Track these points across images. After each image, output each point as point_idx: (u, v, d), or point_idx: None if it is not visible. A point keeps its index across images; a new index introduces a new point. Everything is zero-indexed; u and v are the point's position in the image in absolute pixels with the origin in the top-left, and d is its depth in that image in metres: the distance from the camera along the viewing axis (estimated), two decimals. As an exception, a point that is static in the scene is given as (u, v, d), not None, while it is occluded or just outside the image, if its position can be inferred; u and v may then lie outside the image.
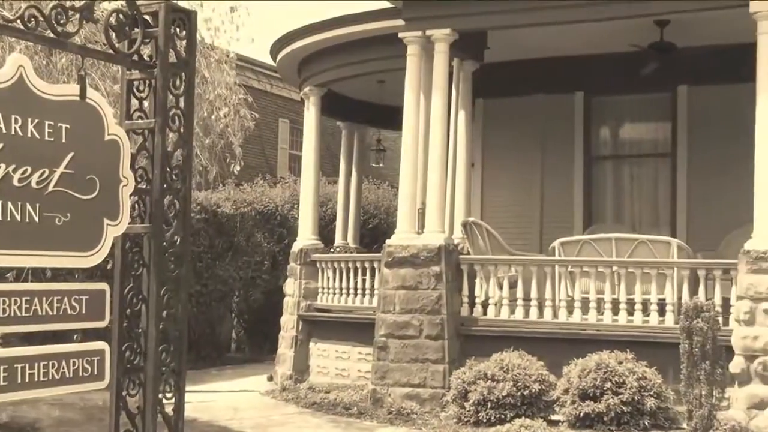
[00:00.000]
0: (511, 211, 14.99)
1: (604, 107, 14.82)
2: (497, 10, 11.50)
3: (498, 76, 14.00)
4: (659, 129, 14.60)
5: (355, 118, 17.48)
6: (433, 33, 11.65)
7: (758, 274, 9.77)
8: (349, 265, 13.59)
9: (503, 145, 15.21)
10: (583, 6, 11.14)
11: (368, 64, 13.82)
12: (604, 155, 14.85)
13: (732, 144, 12.75)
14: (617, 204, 14.74)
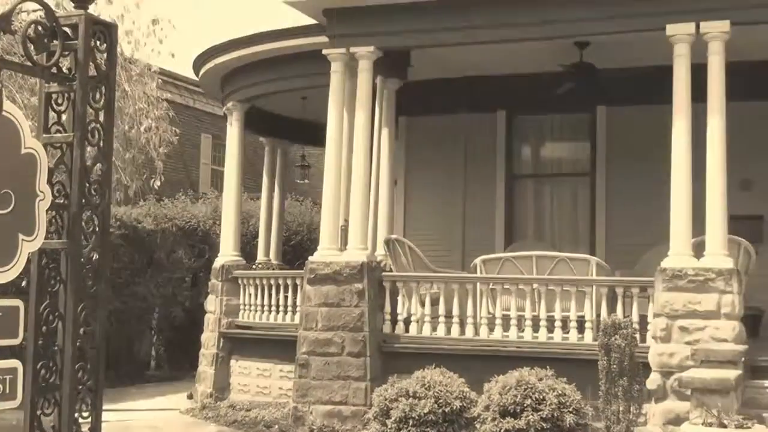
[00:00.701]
0: (434, 228, 15.06)
1: (525, 126, 15.01)
2: (420, 29, 11.58)
3: (422, 94, 14.09)
4: (579, 149, 14.83)
5: (279, 134, 17.43)
6: (357, 50, 11.68)
7: (674, 291, 9.95)
8: (271, 282, 13.51)
9: (426, 162, 15.29)
10: (503, 27, 11.26)
11: (292, 80, 13.80)
12: (525, 174, 15.02)
13: (649, 164, 12.99)
14: (538, 222, 14.91)
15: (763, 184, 13.33)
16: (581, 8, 10.85)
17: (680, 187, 10.24)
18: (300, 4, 11.83)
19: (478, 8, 11.21)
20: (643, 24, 10.67)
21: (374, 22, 11.65)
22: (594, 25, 10.99)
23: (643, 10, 10.57)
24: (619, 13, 10.71)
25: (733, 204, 10.59)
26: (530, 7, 11.00)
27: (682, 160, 10.29)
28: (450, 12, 11.32)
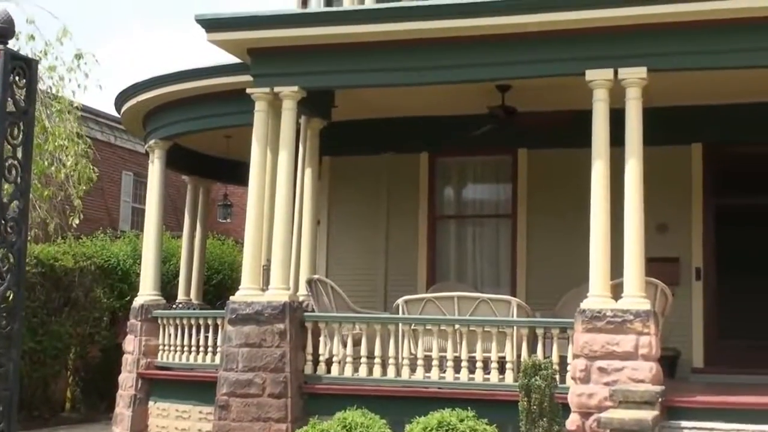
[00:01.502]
0: (357, 268, 15.06)
1: (448, 168, 15.14)
2: (344, 70, 11.65)
3: (345, 134, 14.15)
4: (501, 190, 15.00)
5: (202, 173, 17.32)
6: (282, 90, 11.69)
7: (593, 333, 10.08)
8: (191, 322, 13.35)
9: (349, 202, 15.32)
10: (425, 69, 11.37)
11: (216, 118, 13.73)
12: (448, 215, 15.13)
13: (569, 206, 13.19)
14: (460, 263, 15.00)
15: (679, 227, 13.62)
16: (502, 52, 11.02)
17: (599, 230, 10.42)
18: (224, 43, 11.81)
19: (400, 50, 11.30)
20: (563, 69, 10.88)
21: (298, 62, 11.68)
22: (515, 68, 11.16)
23: (563, 55, 10.79)
24: (540, 58, 10.91)
25: (650, 246, 10.80)
26: (452, 50, 11.14)
27: (600, 203, 10.46)
28: (373, 54, 11.41)
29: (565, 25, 10.64)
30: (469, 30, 10.92)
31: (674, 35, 10.46)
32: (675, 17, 10.34)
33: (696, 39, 10.43)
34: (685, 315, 13.33)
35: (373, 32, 11.24)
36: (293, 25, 11.52)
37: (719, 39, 10.39)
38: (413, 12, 11.22)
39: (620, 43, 10.59)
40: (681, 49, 10.53)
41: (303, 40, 11.51)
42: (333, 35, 11.39)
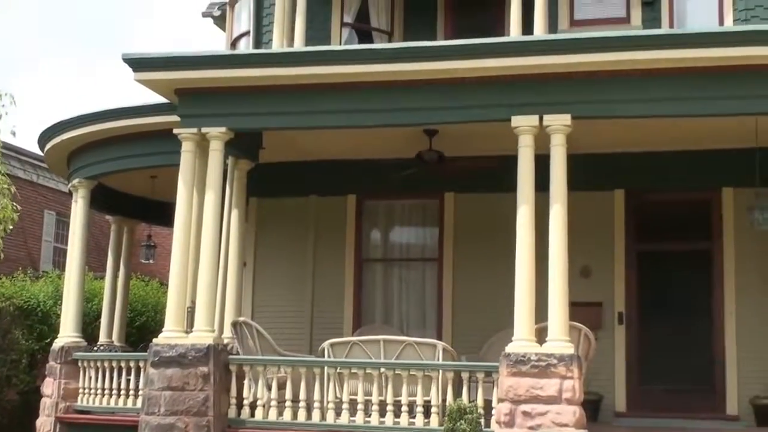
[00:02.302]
0: (283, 311, 14.95)
1: (375, 210, 15.16)
2: (273, 112, 11.63)
3: (273, 175, 14.12)
4: (428, 234, 15.05)
5: (126, 213, 17.11)
6: (209, 131, 11.62)
7: (518, 377, 10.13)
8: (113, 364, 13.11)
9: (276, 244, 15.24)
10: (353, 112, 11.42)
11: (142, 158, 13.62)
12: (374, 258, 15.12)
13: (495, 250, 13.29)
14: (386, 306, 14.99)
15: (602, 271, 13.80)
16: (430, 97, 11.12)
17: (524, 274, 10.50)
18: (151, 83, 11.74)
19: (329, 93, 11.34)
20: (490, 115, 11.00)
21: (226, 103, 11.64)
22: (443, 114, 11.26)
23: (489, 101, 10.92)
24: (467, 104, 11.02)
25: (574, 291, 10.92)
26: (380, 93, 11.20)
27: (525, 248, 10.56)
28: (302, 96, 11.43)
29: (491, 72, 10.79)
30: (397, 75, 11.02)
31: (598, 84, 10.67)
32: (599, 66, 10.57)
33: (619, 87, 10.66)
34: (608, 359, 13.47)
35: (301, 75, 11.27)
36: (222, 66, 11.50)
37: (641, 88, 10.62)
38: (342, 56, 11.27)
39: (545, 90, 10.76)
40: (604, 98, 10.74)
41: (231, 81, 11.49)
42: (261, 77, 11.39)
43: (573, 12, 14.91)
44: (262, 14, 16.11)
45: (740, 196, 13.25)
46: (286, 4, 15.28)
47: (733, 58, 10.28)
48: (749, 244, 13.30)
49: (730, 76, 10.41)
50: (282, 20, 15.23)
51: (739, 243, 13.40)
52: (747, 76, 10.38)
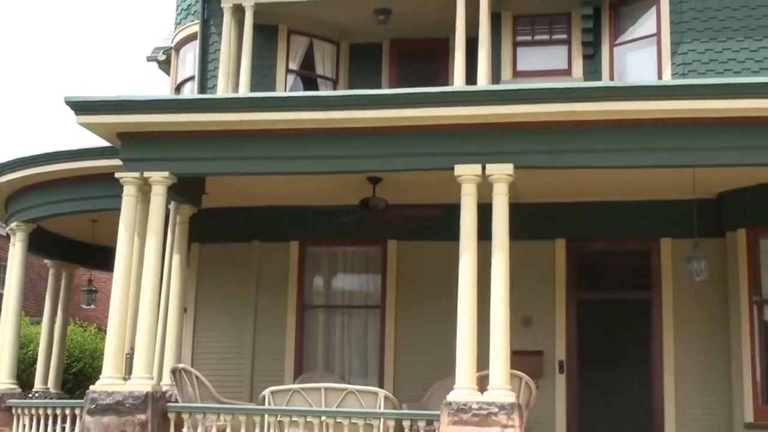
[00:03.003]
0: (223, 358, 14.80)
1: (318, 257, 15.12)
2: (216, 157, 11.58)
3: (216, 220, 14.06)
4: (370, 281, 15.04)
5: (66, 257, 16.88)
6: (151, 175, 11.54)
7: (459, 425, 10.10)
8: (48, 412, 12.81)
9: (217, 290, 15.12)
10: (295, 159, 11.41)
11: (82, 202, 13.48)
12: (316, 305, 15.05)
13: (438, 298, 13.32)
14: (328, 353, 14.91)
15: (543, 320, 13.88)
16: (373, 145, 11.16)
17: (466, 322, 10.52)
18: (94, 126, 11.64)
19: (273, 139, 11.34)
20: (432, 163, 11.07)
21: (169, 148, 11.58)
22: (385, 161, 11.30)
23: (433, 150, 10.99)
24: (411, 152, 11.08)
25: (516, 339, 10.97)
26: (324, 140, 11.22)
27: (467, 296, 10.59)
28: (245, 142, 11.40)
29: (435, 121, 10.87)
30: (340, 122, 11.06)
31: (540, 134, 10.80)
32: (541, 117, 10.70)
33: (561, 138, 10.79)
34: (549, 407, 13.51)
35: (245, 120, 11.26)
36: (165, 110, 11.45)
37: (583, 139, 10.77)
38: (286, 102, 11.30)
39: (489, 139, 10.86)
40: (547, 148, 10.85)
41: (175, 126, 11.44)
42: (205, 122, 11.37)
43: (516, 63, 15.13)
44: (208, 59, 16.12)
45: (679, 246, 13.44)
46: (231, 49, 15.33)
47: (671, 111, 10.49)
48: (688, 295, 13.48)
49: (668, 128, 10.60)
50: (227, 66, 15.26)
51: (677, 293, 13.58)
52: (685, 128, 10.58)
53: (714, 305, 13.38)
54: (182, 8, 17.09)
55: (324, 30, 16.06)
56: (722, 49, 13.81)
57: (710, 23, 13.91)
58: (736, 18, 13.84)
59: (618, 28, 14.80)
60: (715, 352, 13.32)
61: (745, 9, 13.84)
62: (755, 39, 13.72)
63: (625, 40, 14.69)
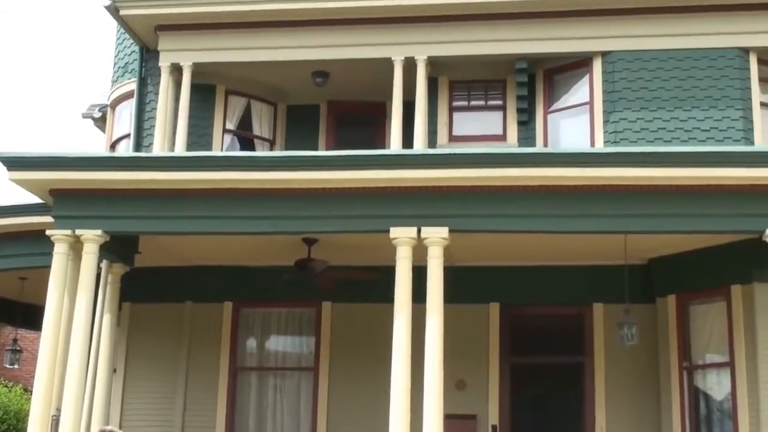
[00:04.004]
0: (153, 420, 14.51)
1: (252, 318, 14.98)
2: (149, 216, 11.49)
3: (148, 280, 13.88)
4: (304, 342, 14.92)
5: (-9, 315, 16.52)
6: (83, 233, 11.39)
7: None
8: (-32, 475, 12.47)
9: (149, 351, 14.86)
10: (232, 219, 11.37)
11: (11, 259, 13.24)
12: (249, 366, 14.88)
13: (372, 360, 13.26)
14: (260, 416, 14.71)
15: (477, 384, 13.86)
16: (308, 206, 11.18)
17: (399, 385, 10.47)
18: (26, 183, 11.50)
19: (207, 199, 11.30)
20: (368, 225, 11.10)
21: (102, 205, 11.46)
22: (321, 223, 11.31)
23: (368, 212, 11.03)
24: (346, 214, 11.11)
25: (449, 403, 10.94)
26: (259, 201, 11.21)
27: (401, 359, 10.56)
28: (179, 201, 11.35)
29: (371, 183, 10.93)
30: (276, 183, 11.06)
31: (475, 198, 10.91)
32: (475, 181, 10.82)
33: (495, 203, 10.91)
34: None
35: (180, 180, 11.21)
36: (99, 168, 11.37)
37: (517, 204, 10.91)
38: (222, 162, 11.29)
39: (424, 203, 10.94)
40: (481, 212, 10.96)
41: (108, 183, 11.34)
42: (139, 180, 11.29)
43: (452, 127, 15.30)
44: (144, 117, 16.04)
45: (610, 311, 13.57)
46: (168, 108, 15.29)
47: (603, 177, 10.68)
48: (619, 360, 13.58)
49: (600, 195, 10.79)
50: (164, 124, 15.21)
51: (609, 358, 13.67)
52: (616, 195, 10.78)
53: (645, 370, 13.50)
54: (119, 66, 17.04)
55: (262, 91, 16.12)
56: (653, 118, 14.13)
57: (641, 93, 14.24)
58: (666, 89, 14.20)
59: (552, 95, 15.07)
60: (645, 418, 13.41)
61: (674, 80, 14.21)
62: (684, 109, 14.07)
63: (559, 108, 14.96)
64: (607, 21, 14.46)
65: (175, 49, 15.46)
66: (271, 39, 15.20)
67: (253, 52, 15.28)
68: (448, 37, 14.78)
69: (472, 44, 14.77)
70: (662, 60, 14.31)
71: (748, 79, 14.13)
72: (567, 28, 14.58)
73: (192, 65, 15.34)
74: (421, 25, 14.80)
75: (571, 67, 14.86)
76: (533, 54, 14.72)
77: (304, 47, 15.14)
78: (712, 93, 14.06)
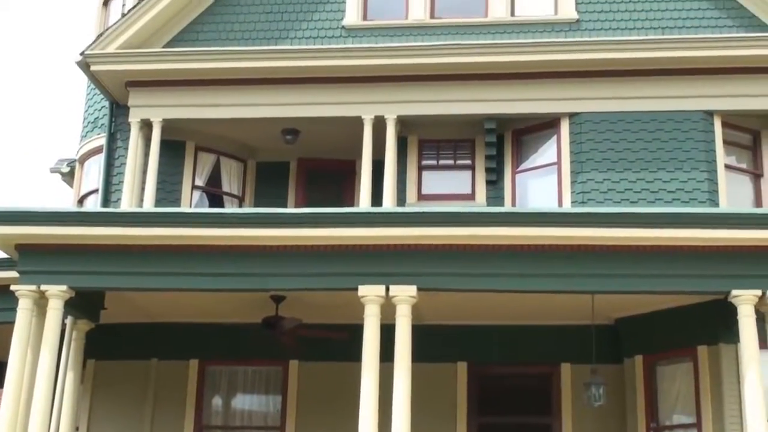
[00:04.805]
0: (115, 479, 14.28)
1: (218, 376, 14.83)
2: (115, 272, 11.42)
3: (114, 337, 13.75)
4: (271, 401, 14.78)
5: (-48, 372, 16.24)
6: (49, 288, 11.29)
7: None
8: None
9: (113, 409, 14.63)
10: (197, 276, 11.33)
11: (-26, 314, 13.05)
12: (215, 425, 14.69)
13: (339, 419, 13.11)
14: (225, 475, 14.52)
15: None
16: (276, 264, 11.15)
17: (366, 445, 10.38)
18: (-9, 237, 11.41)
19: (174, 255, 11.26)
20: (336, 283, 11.09)
21: (68, 261, 11.39)
22: (288, 280, 11.28)
23: (337, 270, 11.03)
24: (314, 272, 11.10)
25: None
26: (226, 258, 11.20)
27: (368, 418, 10.48)
28: (146, 257, 11.31)
29: (339, 241, 10.94)
30: (244, 240, 11.05)
31: (443, 257, 10.94)
32: (444, 240, 10.86)
33: (463, 261, 10.95)
34: None
35: (147, 236, 11.17)
36: (65, 223, 11.31)
37: (485, 263, 10.95)
38: (190, 218, 11.27)
39: (392, 261, 10.96)
40: (449, 271, 10.99)
41: (75, 239, 11.29)
42: (107, 236, 11.25)
43: (421, 186, 15.34)
44: (113, 173, 15.98)
45: (578, 371, 13.55)
46: (137, 164, 15.25)
47: (570, 237, 10.75)
48: (587, 420, 13.54)
49: (568, 254, 10.86)
50: (132, 179, 15.15)
51: (576, 418, 13.63)
52: (584, 255, 10.85)
53: (612, 431, 13.46)
54: (89, 121, 17.02)
55: (232, 147, 16.13)
56: (620, 179, 14.26)
57: (608, 154, 14.39)
58: (632, 150, 14.35)
59: (520, 155, 15.18)
60: (613, 479, 13.36)
61: (640, 141, 14.38)
62: (651, 171, 14.21)
63: (528, 167, 15.06)
64: (574, 83, 14.64)
65: (145, 105, 15.47)
66: (242, 96, 15.25)
67: (224, 109, 15.32)
68: (417, 96, 14.90)
69: (441, 104, 14.90)
70: (628, 122, 14.49)
71: (713, 142, 14.32)
72: (535, 90, 14.74)
73: (162, 121, 15.34)
74: (391, 85, 14.92)
75: (540, 128, 15.00)
76: (502, 114, 14.85)
77: (275, 105, 15.20)
78: (677, 155, 14.23)
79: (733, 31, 14.65)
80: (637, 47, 14.43)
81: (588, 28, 15.03)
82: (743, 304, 10.74)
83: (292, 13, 15.70)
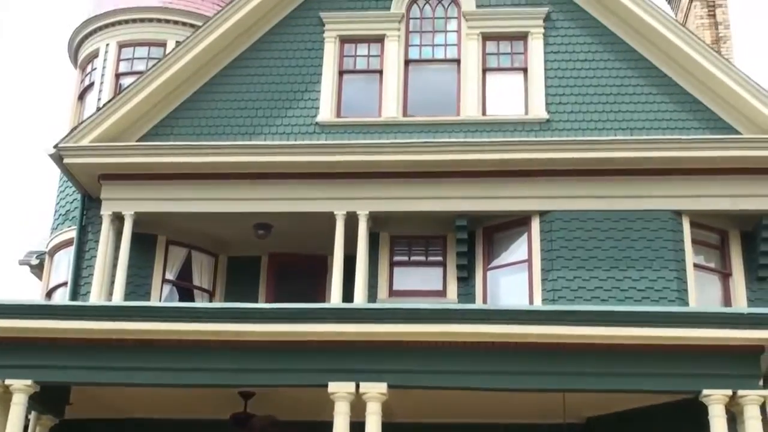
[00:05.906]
0: None
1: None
2: (81, 366, 11.29)
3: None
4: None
5: None
6: (13, 383, 11.13)
7: None
8: None
9: None
10: (165, 371, 11.24)
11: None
12: None
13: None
14: None
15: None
16: (246, 359, 11.09)
17: None
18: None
19: (142, 350, 11.17)
20: (306, 380, 11.01)
21: (33, 355, 11.26)
22: (257, 376, 11.20)
23: (306, 366, 10.96)
24: (283, 368, 11.02)
25: None
26: (194, 353, 11.12)
27: None
28: (113, 352, 11.22)
29: (309, 337, 10.89)
30: (213, 335, 11.00)
31: (414, 354, 10.90)
32: (414, 336, 10.84)
33: (434, 359, 10.91)
34: None
35: (115, 329, 11.08)
36: (31, 316, 11.24)
37: (456, 360, 10.92)
38: (159, 313, 11.22)
39: (362, 358, 10.91)
40: (420, 368, 10.95)
41: (41, 332, 11.20)
42: (74, 330, 11.15)
43: (392, 282, 15.31)
44: (82, 265, 15.87)
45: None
46: (107, 257, 15.15)
47: (541, 335, 10.75)
48: None
49: (538, 352, 10.84)
50: (102, 273, 15.03)
51: None
52: (554, 353, 10.84)
53: None
54: (60, 213, 16.96)
55: (203, 242, 16.09)
56: (590, 277, 14.31)
57: (578, 252, 14.45)
58: (602, 248, 14.44)
59: (491, 252, 15.22)
60: None
61: (610, 240, 14.47)
62: (620, 269, 14.28)
63: (499, 265, 15.08)
64: (544, 181, 14.77)
65: (117, 198, 15.42)
66: (215, 191, 15.25)
67: (196, 203, 15.29)
68: (389, 193, 14.97)
69: (413, 201, 14.97)
70: (598, 220, 14.60)
71: (682, 241, 14.44)
72: (506, 188, 14.85)
73: (134, 215, 15.28)
74: (364, 181, 14.99)
75: (511, 225, 15.07)
76: (473, 212, 14.93)
77: (247, 199, 15.21)
78: (647, 254, 14.32)
79: (700, 133, 14.89)
80: (607, 147, 14.62)
81: (558, 128, 15.24)
82: (714, 403, 10.73)
83: (267, 108, 15.82)
